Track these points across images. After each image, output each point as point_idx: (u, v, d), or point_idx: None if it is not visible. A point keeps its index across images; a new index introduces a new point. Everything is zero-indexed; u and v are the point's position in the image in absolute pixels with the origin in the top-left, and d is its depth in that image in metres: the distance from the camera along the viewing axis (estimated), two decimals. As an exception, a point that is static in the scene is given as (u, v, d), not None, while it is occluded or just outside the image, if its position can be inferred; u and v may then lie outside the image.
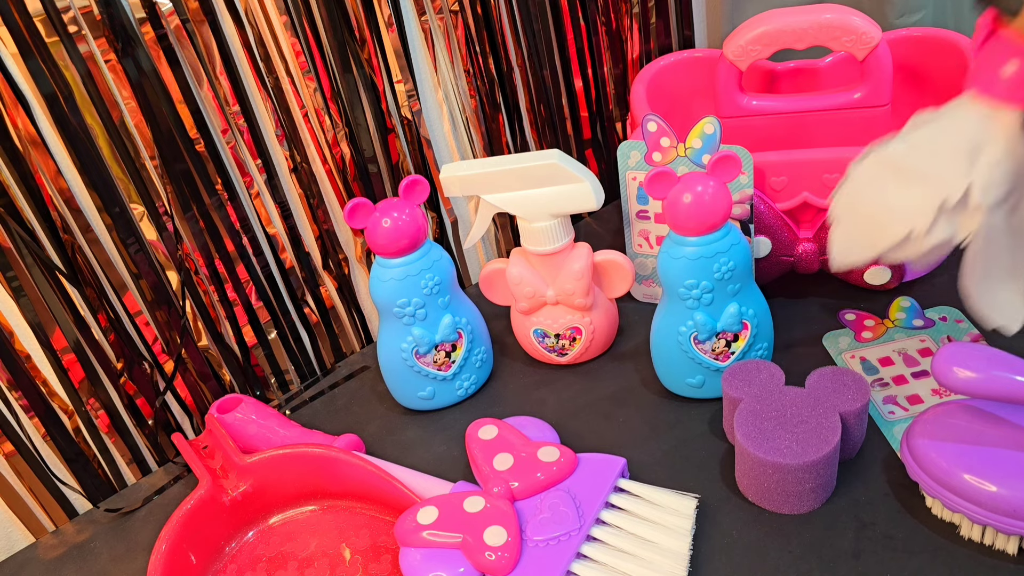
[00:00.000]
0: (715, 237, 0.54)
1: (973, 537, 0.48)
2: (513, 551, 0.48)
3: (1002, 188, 0.43)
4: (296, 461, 0.57)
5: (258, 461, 0.57)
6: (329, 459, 0.57)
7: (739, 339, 0.57)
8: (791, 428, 0.51)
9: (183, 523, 0.53)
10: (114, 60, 0.57)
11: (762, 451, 0.50)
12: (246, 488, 0.57)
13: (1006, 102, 0.43)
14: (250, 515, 0.58)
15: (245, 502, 0.57)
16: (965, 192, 0.43)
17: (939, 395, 0.57)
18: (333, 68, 0.67)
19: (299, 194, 0.70)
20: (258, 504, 0.57)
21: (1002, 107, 0.43)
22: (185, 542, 0.53)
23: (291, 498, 0.58)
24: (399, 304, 0.60)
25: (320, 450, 0.57)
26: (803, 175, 0.64)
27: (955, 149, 0.44)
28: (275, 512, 0.58)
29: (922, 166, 0.45)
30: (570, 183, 0.59)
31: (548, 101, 0.80)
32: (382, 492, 0.55)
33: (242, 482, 0.57)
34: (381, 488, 0.55)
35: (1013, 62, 0.42)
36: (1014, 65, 0.41)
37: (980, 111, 0.44)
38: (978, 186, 0.43)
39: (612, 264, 0.63)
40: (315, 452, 0.57)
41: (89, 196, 0.60)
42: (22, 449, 0.62)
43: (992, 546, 0.48)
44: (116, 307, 0.64)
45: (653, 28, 0.84)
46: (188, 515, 0.54)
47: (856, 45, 0.64)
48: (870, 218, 0.47)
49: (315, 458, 0.57)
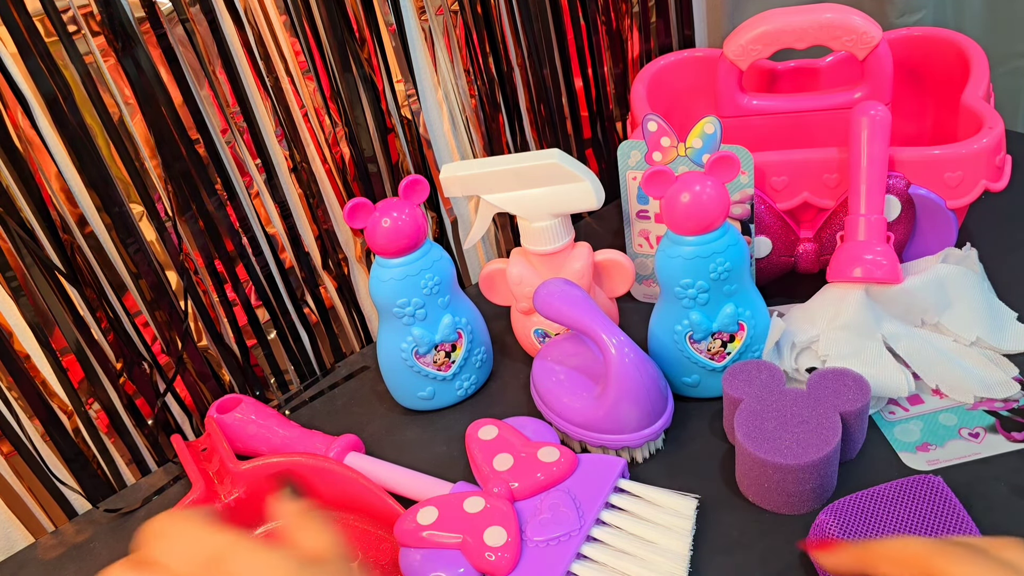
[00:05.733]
0: (712, 237, 0.54)
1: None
2: (513, 551, 0.48)
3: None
4: (290, 470, 0.57)
5: (252, 468, 0.56)
6: (322, 470, 0.56)
7: (735, 340, 0.57)
8: (791, 428, 0.51)
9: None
10: (114, 60, 0.57)
11: (762, 451, 0.50)
12: (239, 495, 0.56)
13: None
14: (242, 522, 0.57)
15: (238, 508, 0.56)
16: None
17: (939, 395, 0.57)
18: (333, 68, 0.66)
19: (299, 194, 0.70)
20: (250, 511, 0.57)
21: None
22: None
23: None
24: (399, 304, 0.60)
25: (314, 461, 0.57)
26: (803, 175, 0.64)
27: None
28: (267, 520, 0.57)
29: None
30: (570, 182, 0.59)
31: (548, 101, 0.80)
32: (372, 506, 0.55)
33: (236, 488, 0.56)
34: (371, 502, 0.55)
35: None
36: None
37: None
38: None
39: (612, 263, 0.63)
40: (309, 463, 0.56)
41: (89, 196, 0.60)
42: (21, 449, 0.62)
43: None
44: (116, 307, 0.63)
45: (653, 27, 0.84)
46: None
47: (856, 45, 0.64)
48: None
49: (309, 468, 0.56)
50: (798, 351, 0.59)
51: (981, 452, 0.53)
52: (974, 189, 0.61)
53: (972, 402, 0.56)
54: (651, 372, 0.55)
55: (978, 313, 0.59)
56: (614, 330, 0.54)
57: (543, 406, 0.59)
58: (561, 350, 0.60)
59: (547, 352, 0.61)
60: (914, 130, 0.74)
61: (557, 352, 0.60)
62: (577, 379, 0.58)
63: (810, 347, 0.59)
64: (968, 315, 0.59)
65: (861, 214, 0.60)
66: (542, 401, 0.59)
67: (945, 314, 0.60)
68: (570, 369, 0.59)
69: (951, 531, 0.45)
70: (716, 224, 0.54)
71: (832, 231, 0.64)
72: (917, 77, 0.73)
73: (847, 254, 0.60)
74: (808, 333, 0.59)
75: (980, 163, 0.60)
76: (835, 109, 0.68)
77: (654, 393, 0.55)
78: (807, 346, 0.59)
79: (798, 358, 0.59)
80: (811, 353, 0.59)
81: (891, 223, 0.61)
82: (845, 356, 0.57)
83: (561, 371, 0.59)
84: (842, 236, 0.62)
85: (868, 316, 0.59)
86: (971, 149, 0.60)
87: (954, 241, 0.63)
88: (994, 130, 0.61)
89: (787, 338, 0.60)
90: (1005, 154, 0.63)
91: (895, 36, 0.72)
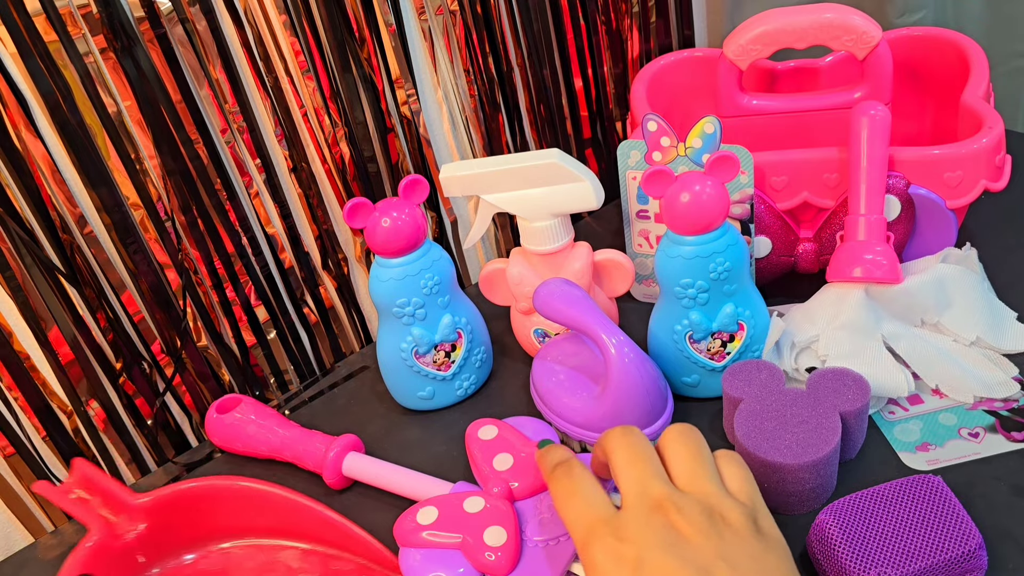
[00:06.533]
0: (712, 237, 0.54)
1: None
2: (513, 551, 0.48)
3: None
4: (197, 496, 0.54)
5: (150, 501, 0.53)
6: (235, 491, 0.53)
7: (735, 340, 0.57)
8: (791, 428, 0.51)
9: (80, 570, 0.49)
10: (113, 60, 0.57)
11: (762, 451, 0.50)
12: (143, 528, 0.53)
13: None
14: (157, 554, 0.54)
15: (147, 540, 0.53)
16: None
17: (939, 395, 0.57)
18: (332, 68, 0.66)
19: (298, 194, 0.70)
20: (163, 541, 0.54)
21: None
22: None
23: (208, 533, 0.55)
24: (398, 304, 0.60)
25: (225, 483, 0.53)
26: (803, 175, 0.64)
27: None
28: (193, 548, 0.55)
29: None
30: (570, 182, 0.59)
31: (548, 101, 0.80)
32: (300, 518, 0.53)
33: (137, 522, 0.53)
34: (298, 514, 0.53)
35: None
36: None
37: None
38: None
39: (612, 263, 0.63)
40: (217, 485, 0.53)
41: (88, 196, 0.60)
42: (21, 449, 0.62)
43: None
44: (115, 307, 0.63)
45: (653, 27, 0.84)
46: (83, 563, 0.49)
47: (856, 44, 0.64)
48: None
49: (218, 491, 0.53)
50: (798, 351, 0.59)
51: (981, 452, 0.53)
52: (974, 189, 0.61)
53: (972, 402, 0.56)
54: (651, 372, 0.55)
55: (978, 313, 0.59)
56: (614, 330, 0.54)
57: (543, 406, 0.59)
58: (561, 350, 0.60)
59: (547, 352, 0.61)
60: (914, 130, 0.74)
61: (557, 352, 0.60)
62: (577, 379, 0.58)
63: (810, 347, 0.59)
64: (968, 315, 0.59)
65: (861, 214, 0.60)
66: (542, 401, 0.59)
67: (945, 314, 0.60)
68: (570, 369, 0.59)
69: (951, 531, 0.45)
70: (716, 224, 0.54)
71: (832, 231, 0.64)
72: (917, 77, 0.73)
73: (847, 254, 0.60)
74: (808, 333, 0.59)
75: (980, 163, 0.60)
76: (835, 109, 0.68)
77: (654, 393, 0.55)
78: (807, 346, 0.59)
79: (798, 358, 0.59)
80: (811, 353, 0.59)
81: (891, 223, 0.61)
82: (845, 356, 0.57)
83: (561, 371, 0.59)
84: (842, 236, 0.62)
85: (868, 316, 0.59)
86: (971, 149, 0.60)
87: (954, 241, 0.63)
88: (994, 130, 0.61)
89: (787, 338, 0.60)
90: (1005, 154, 0.63)
91: (895, 36, 0.72)
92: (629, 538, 0.39)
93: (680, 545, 0.39)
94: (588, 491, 0.43)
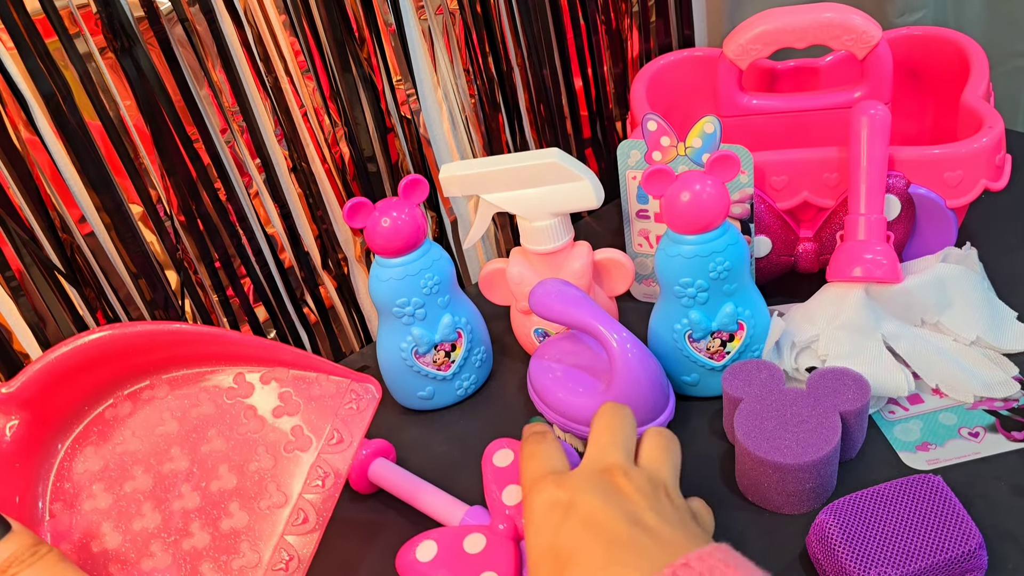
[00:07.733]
0: (711, 236, 0.54)
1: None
2: None
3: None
4: (75, 360, 0.46)
5: (20, 387, 0.46)
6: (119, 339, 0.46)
7: (735, 339, 0.57)
8: (791, 428, 0.51)
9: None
10: (113, 59, 0.57)
11: (762, 451, 0.50)
12: (16, 421, 0.46)
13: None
14: (43, 445, 0.48)
15: (27, 434, 0.46)
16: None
17: (939, 395, 0.57)
18: (332, 67, 0.66)
19: (298, 194, 0.70)
20: (46, 429, 0.48)
21: None
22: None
23: (98, 393, 0.49)
24: (398, 304, 0.60)
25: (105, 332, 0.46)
26: (803, 174, 0.64)
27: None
28: (76, 425, 0.49)
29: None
30: (570, 182, 0.59)
31: (548, 100, 0.80)
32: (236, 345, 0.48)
33: (10, 415, 0.46)
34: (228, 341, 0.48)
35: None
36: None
37: None
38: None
39: (612, 262, 0.63)
40: (93, 338, 0.46)
41: (88, 196, 0.60)
42: (21, 449, 0.62)
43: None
44: (115, 307, 0.63)
45: (653, 27, 0.84)
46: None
47: (856, 44, 0.64)
48: None
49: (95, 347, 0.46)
50: (798, 350, 0.59)
51: (981, 451, 0.53)
52: (974, 188, 0.61)
53: (972, 401, 0.56)
54: (654, 366, 0.55)
55: (978, 312, 0.59)
56: (615, 325, 0.54)
57: (543, 405, 0.59)
58: (559, 349, 0.60)
59: (544, 351, 0.61)
60: (914, 130, 0.74)
61: (555, 351, 0.60)
62: (576, 376, 0.58)
63: (810, 346, 0.59)
64: (968, 314, 0.59)
65: (861, 213, 0.60)
66: (541, 400, 0.59)
67: (945, 313, 0.60)
68: (568, 367, 0.59)
69: (951, 531, 0.45)
70: (716, 223, 0.54)
71: (832, 230, 0.64)
72: (917, 77, 0.73)
73: (847, 253, 0.60)
74: (808, 332, 0.59)
75: (980, 162, 0.60)
76: (835, 108, 0.68)
77: (657, 387, 0.55)
78: (807, 345, 0.59)
79: (798, 357, 0.59)
80: (811, 352, 0.59)
81: (891, 222, 0.61)
82: (845, 355, 0.57)
83: (559, 369, 0.59)
84: (842, 235, 0.62)
85: (868, 315, 0.59)
86: (971, 148, 0.60)
87: (954, 240, 0.63)
88: (994, 129, 0.61)
89: (787, 337, 0.60)
90: (1005, 153, 0.63)
91: (895, 35, 0.72)
92: (568, 486, 0.41)
93: (615, 495, 0.40)
94: (549, 453, 0.45)
